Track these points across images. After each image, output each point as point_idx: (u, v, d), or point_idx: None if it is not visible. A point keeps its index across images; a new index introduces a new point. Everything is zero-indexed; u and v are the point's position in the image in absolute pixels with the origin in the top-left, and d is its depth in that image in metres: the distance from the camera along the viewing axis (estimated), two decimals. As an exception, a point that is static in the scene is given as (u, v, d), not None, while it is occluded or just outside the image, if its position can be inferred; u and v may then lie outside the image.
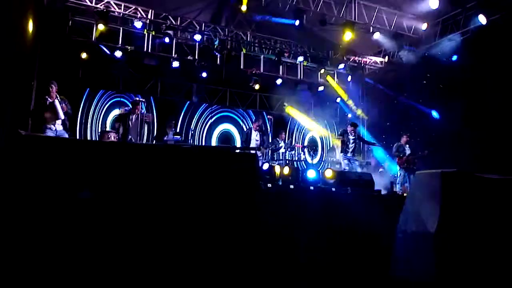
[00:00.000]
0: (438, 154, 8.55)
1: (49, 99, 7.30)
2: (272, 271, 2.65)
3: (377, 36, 10.24)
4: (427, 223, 3.73)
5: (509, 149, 8.11)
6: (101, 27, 9.32)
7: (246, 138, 9.38)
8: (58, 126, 7.37)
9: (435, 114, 10.10)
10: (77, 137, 9.53)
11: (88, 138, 10.28)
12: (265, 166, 6.27)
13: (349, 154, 9.11)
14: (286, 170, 6.35)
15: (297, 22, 9.31)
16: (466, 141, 8.57)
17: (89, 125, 10.43)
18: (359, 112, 13.03)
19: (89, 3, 9.25)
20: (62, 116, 7.37)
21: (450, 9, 9.70)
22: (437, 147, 8.67)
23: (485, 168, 4.65)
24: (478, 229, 3.66)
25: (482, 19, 8.87)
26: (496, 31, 8.77)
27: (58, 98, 7.28)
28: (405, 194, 5.65)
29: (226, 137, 12.37)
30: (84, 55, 9.80)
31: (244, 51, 11.36)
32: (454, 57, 9.71)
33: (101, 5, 9.31)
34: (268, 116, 12.33)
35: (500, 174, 4.19)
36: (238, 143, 12.22)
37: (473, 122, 8.64)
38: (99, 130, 10.19)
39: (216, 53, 10.90)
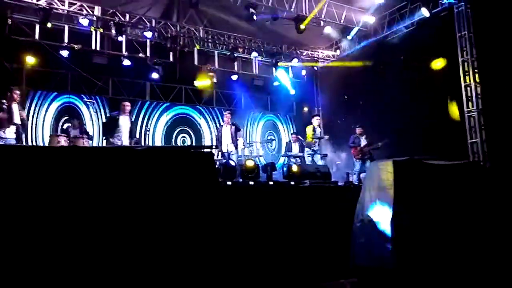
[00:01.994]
0: (395, 144, 8.83)
1: (5, 103, 6.96)
2: (232, 270, 2.64)
3: (328, 30, 10.45)
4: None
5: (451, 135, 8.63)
6: (44, 25, 8.86)
7: (218, 134, 8.96)
8: (10, 133, 6.99)
9: None
10: (26, 143, 9.01)
11: (38, 143, 9.74)
12: (225, 166, 6.24)
13: (315, 148, 9.27)
14: (250, 164, 6.32)
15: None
16: (416, 129, 8.97)
17: (37, 129, 9.87)
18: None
19: (29, 0, 8.73)
20: (17, 120, 7.02)
21: (397, 2, 10.12)
22: (392, 138, 8.94)
23: (439, 154, 4.89)
24: (431, 213, 3.84)
25: (425, 12, 9.30)
26: (439, 23, 9.25)
27: (17, 104, 7.01)
28: (360, 184, 5.82)
29: (183, 135, 12.15)
30: (27, 56, 9.26)
31: (197, 47, 11.22)
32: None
33: (43, 2, 8.82)
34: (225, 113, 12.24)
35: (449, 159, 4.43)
36: (195, 143, 12.08)
37: (422, 113, 9.07)
38: (49, 134, 9.69)
39: (169, 50, 10.70)
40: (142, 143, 9.43)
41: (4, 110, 6.97)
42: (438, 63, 9.23)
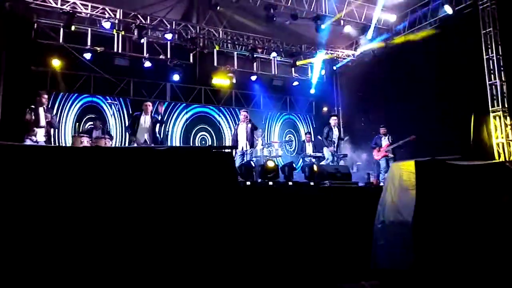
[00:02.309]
0: (418, 144, 8.67)
1: (33, 107, 7.24)
2: (253, 270, 2.64)
3: (348, 29, 10.35)
4: (404, 212, 3.81)
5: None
6: (68, 29, 9.09)
7: (234, 132, 8.80)
8: (40, 137, 7.23)
9: None
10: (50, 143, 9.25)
11: (61, 143, 10.00)
12: (243, 166, 6.24)
13: (333, 148, 9.18)
14: (271, 165, 6.26)
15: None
16: (440, 129, 8.77)
17: (60, 131, 10.12)
18: None
19: (54, 5, 8.96)
20: (43, 123, 7.24)
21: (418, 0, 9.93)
22: (416, 137, 8.76)
23: (463, 154, 4.78)
24: (453, 214, 3.76)
25: (448, 9, 9.10)
26: (463, 20, 9.02)
27: (43, 107, 7.24)
28: (381, 185, 5.74)
29: (203, 136, 12.24)
30: (51, 58, 9.52)
31: (217, 48, 11.28)
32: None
33: (67, 6, 9.04)
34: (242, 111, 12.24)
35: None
36: (215, 142, 12.15)
37: (447, 112, 8.86)
38: (72, 135, 9.93)
39: (189, 51, 10.81)
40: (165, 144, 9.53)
41: (31, 114, 7.20)
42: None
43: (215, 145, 11.92)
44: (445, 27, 9.45)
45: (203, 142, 12.13)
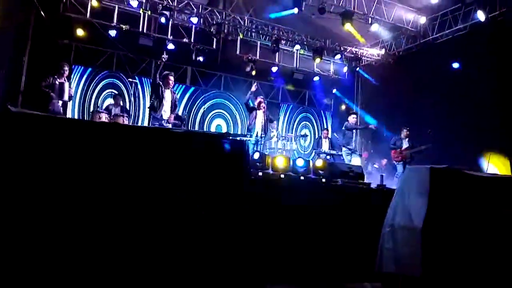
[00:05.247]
0: (437, 150, 8.50)
1: (57, 79, 7.29)
2: (256, 265, 2.65)
3: (375, 27, 10.17)
4: (415, 218, 3.76)
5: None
6: (95, 4, 9.15)
7: (251, 120, 8.38)
8: (58, 108, 7.33)
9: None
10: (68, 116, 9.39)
11: (79, 117, 10.15)
12: (256, 155, 6.21)
13: (351, 147, 9.11)
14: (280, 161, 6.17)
15: (295, 10, 9.17)
16: (462, 137, 8.58)
17: (80, 104, 10.27)
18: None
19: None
20: (66, 97, 7.36)
21: (450, 3, 9.66)
22: (437, 143, 8.59)
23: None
24: (464, 225, 3.70)
25: (480, 15, 8.84)
26: (495, 28, 8.77)
27: (66, 80, 7.33)
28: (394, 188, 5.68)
29: (218, 122, 12.26)
30: (78, 32, 9.63)
31: (241, 36, 11.23)
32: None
33: (96, -19, 9.11)
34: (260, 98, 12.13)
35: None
36: (232, 130, 12.16)
37: (469, 121, 8.66)
38: (91, 110, 10.07)
39: (213, 37, 10.80)
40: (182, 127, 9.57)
41: (55, 86, 7.31)
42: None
43: (229, 132, 11.94)
44: (475, 33, 9.20)
45: (218, 128, 12.16)
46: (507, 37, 8.38)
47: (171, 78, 7.53)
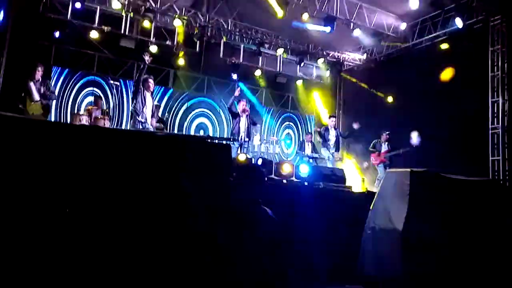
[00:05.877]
0: (417, 154, 8.64)
1: (29, 81, 7.13)
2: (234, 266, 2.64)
3: (357, 33, 10.30)
4: (395, 220, 3.82)
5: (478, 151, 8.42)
6: (77, 5, 8.99)
7: (235, 125, 8.27)
8: (36, 110, 7.15)
9: None
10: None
11: (61, 120, 9.96)
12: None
13: (331, 150, 9.19)
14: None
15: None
16: (439, 142, 8.76)
17: (59, 106, 10.07)
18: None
19: (64, -21, 8.89)
20: (36, 98, 7.17)
21: (430, 10, 9.86)
22: (413, 148, 8.74)
23: (459, 169, 4.78)
24: (444, 226, 3.78)
25: (459, 22, 9.06)
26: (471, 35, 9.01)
27: (36, 80, 7.12)
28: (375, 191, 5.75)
29: (201, 126, 12.20)
30: (58, 33, 9.44)
31: (224, 39, 11.22)
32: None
33: (77, -18, 8.95)
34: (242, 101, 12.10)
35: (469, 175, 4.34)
36: (212, 133, 12.11)
37: (446, 125, 8.85)
38: (71, 112, 9.90)
39: (196, 40, 10.76)
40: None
41: (28, 88, 7.13)
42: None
43: (212, 135, 11.90)
44: (453, 40, 9.43)
45: (200, 131, 12.10)
46: (482, 44, 8.63)
47: (151, 81, 7.32)
